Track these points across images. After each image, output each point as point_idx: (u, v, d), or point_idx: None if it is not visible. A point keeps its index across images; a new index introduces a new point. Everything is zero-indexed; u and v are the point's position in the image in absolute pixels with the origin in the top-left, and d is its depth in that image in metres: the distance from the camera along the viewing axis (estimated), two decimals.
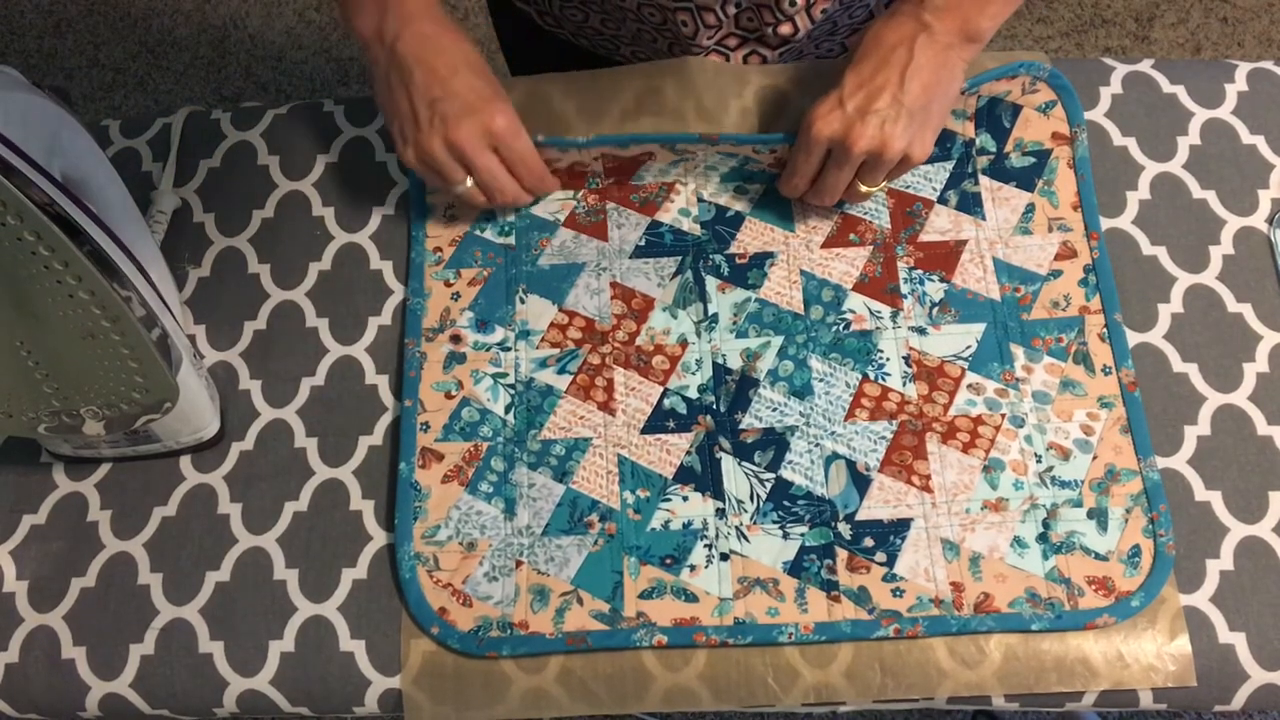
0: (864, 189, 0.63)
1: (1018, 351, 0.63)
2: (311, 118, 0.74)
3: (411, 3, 0.61)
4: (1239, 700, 0.57)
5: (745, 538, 0.60)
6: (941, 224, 0.67)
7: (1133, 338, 0.64)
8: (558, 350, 0.65)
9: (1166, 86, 0.72)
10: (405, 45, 0.60)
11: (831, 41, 0.74)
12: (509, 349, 0.65)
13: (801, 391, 0.63)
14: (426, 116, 0.60)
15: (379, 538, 0.62)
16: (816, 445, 0.62)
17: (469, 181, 0.62)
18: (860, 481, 0.61)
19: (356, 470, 0.64)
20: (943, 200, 0.68)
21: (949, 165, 0.69)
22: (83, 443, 0.62)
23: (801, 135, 0.61)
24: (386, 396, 0.66)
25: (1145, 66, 0.73)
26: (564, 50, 0.82)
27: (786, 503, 0.60)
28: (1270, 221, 0.68)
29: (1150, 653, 0.57)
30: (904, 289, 0.65)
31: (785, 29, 0.68)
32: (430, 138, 0.60)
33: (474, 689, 0.58)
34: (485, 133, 0.60)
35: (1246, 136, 0.70)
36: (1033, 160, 0.69)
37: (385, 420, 0.65)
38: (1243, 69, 0.72)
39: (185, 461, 0.65)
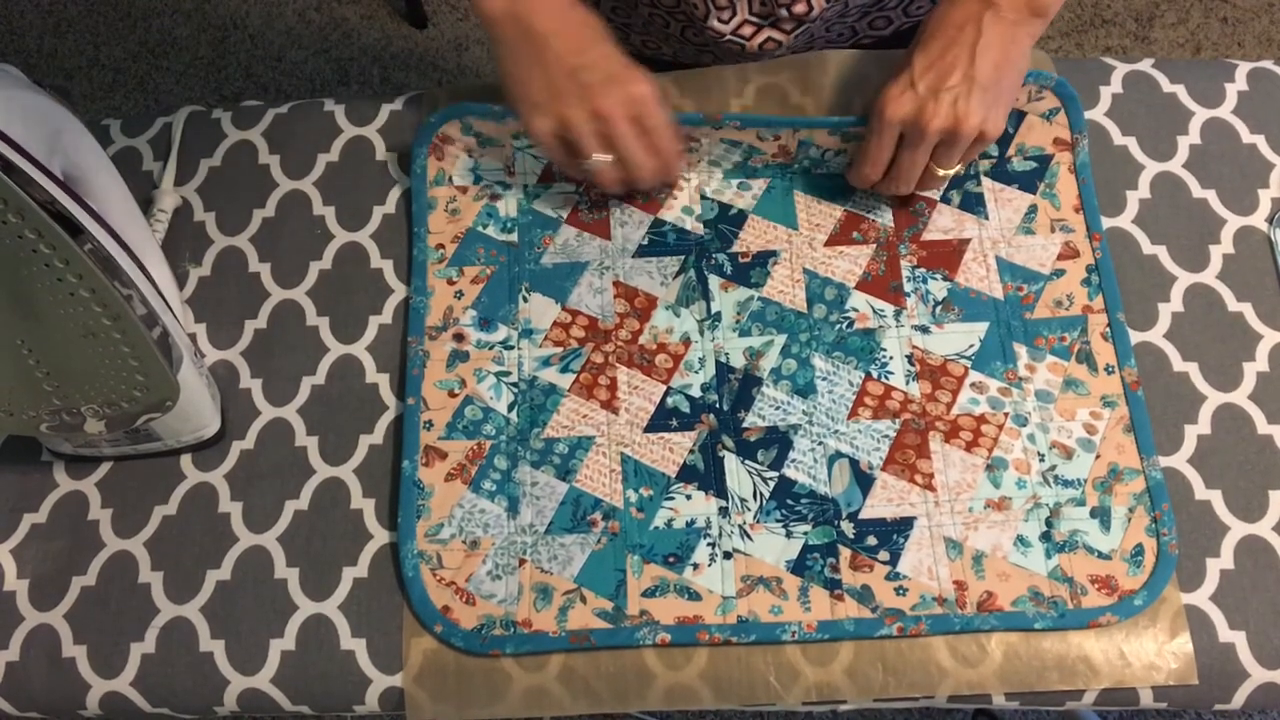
0: (940, 173, 0.63)
1: (1020, 350, 0.63)
2: (312, 117, 0.74)
3: None
4: (1239, 699, 0.57)
5: (748, 536, 0.60)
6: (945, 223, 0.67)
7: (1133, 336, 0.64)
8: (561, 349, 0.65)
9: (1166, 86, 0.72)
10: (539, 19, 0.60)
11: (842, 24, 0.74)
12: (512, 347, 0.65)
13: (804, 390, 0.63)
14: (567, 86, 0.59)
15: (380, 536, 0.62)
16: (819, 444, 0.62)
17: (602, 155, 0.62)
18: (863, 480, 0.61)
19: (357, 469, 0.64)
20: (945, 200, 0.68)
21: None
22: (83, 441, 0.62)
23: (873, 120, 0.61)
24: (387, 395, 0.66)
25: (1145, 66, 0.73)
26: None
27: (790, 501, 0.60)
28: (1270, 221, 0.68)
29: (1151, 651, 0.57)
30: (907, 287, 0.65)
31: (800, 8, 0.68)
32: (571, 106, 0.59)
33: (475, 687, 0.58)
34: (628, 99, 0.60)
35: (1246, 136, 0.70)
36: (1034, 165, 0.69)
37: (386, 419, 0.65)
38: (1243, 68, 0.73)
39: (186, 460, 0.65)
